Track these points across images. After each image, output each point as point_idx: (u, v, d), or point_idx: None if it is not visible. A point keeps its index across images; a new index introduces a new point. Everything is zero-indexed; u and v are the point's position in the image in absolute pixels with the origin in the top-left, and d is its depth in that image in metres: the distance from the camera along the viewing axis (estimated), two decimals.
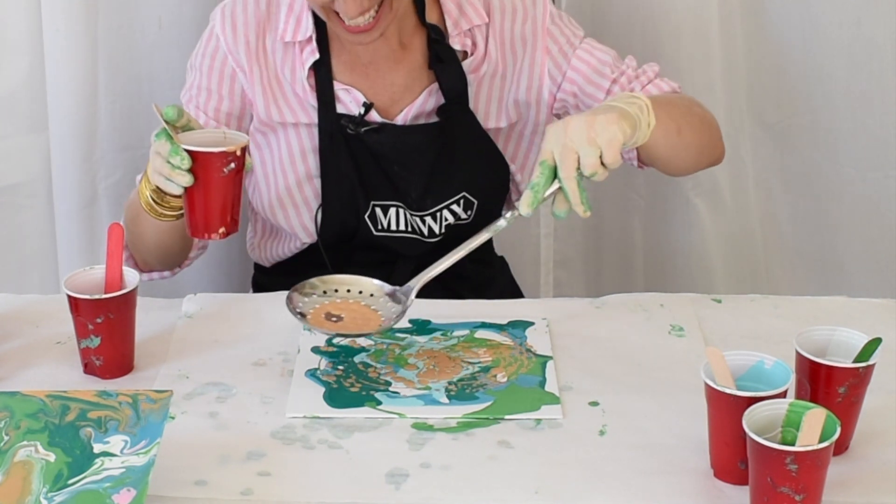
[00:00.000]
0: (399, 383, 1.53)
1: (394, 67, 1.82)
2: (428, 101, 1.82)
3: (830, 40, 2.28)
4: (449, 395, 1.51)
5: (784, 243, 2.45)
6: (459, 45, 1.82)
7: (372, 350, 1.60)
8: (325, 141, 1.80)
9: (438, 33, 1.82)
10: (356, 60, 1.81)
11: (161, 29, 2.16)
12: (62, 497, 1.25)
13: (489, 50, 1.84)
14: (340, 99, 1.80)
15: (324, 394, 1.51)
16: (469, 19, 1.83)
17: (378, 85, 1.82)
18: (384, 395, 1.51)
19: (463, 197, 1.84)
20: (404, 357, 1.59)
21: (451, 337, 1.63)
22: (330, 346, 1.61)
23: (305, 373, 1.56)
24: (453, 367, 1.57)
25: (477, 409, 1.48)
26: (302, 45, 1.80)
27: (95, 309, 1.52)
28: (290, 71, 1.81)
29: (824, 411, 1.25)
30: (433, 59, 1.82)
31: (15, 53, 2.16)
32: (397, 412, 1.48)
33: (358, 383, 1.53)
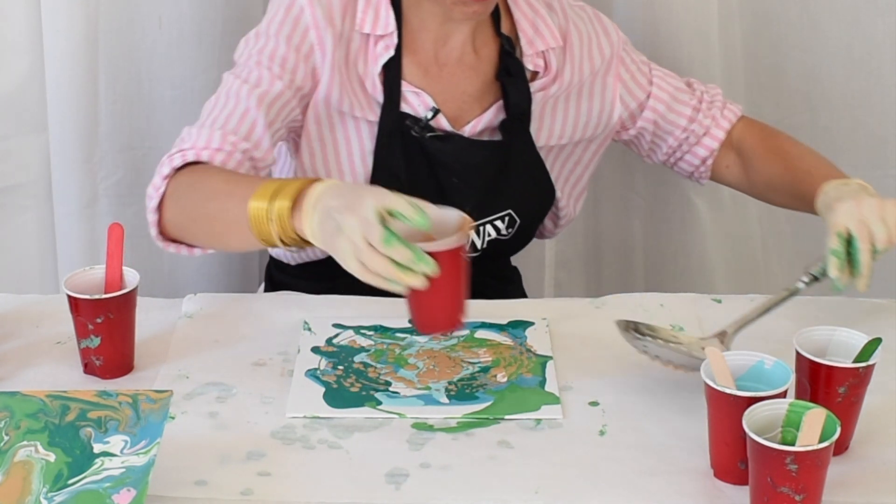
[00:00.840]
0: (399, 383, 1.53)
1: (467, 74, 1.81)
2: (497, 115, 1.82)
3: (829, 39, 2.28)
4: (449, 395, 1.51)
5: (784, 243, 2.45)
6: (532, 66, 1.82)
7: (372, 350, 1.60)
8: (383, 139, 1.76)
9: (511, 45, 1.82)
10: (431, 61, 1.79)
11: (161, 29, 2.16)
12: (62, 497, 1.25)
13: (563, 72, 1.84)
14: (408, 100, 1.77)
15: (324, 394, 1.51)
16: (545, 41, 1.82)
17: (448, 91, 1.80)
18: (384, 395, 1.51)
19: (508, 214, 1.84)
20: (404, 357, 1.59)
21: (451, 337, 1.63)
22: (330, 345, 1.61)
23: (305, 373, 1.56)
24: (453, 366, 1.57)
25: (477, 409, 1.48)
26: (376, 39, 1.75)
27: (95, 309, 1.52)
28: (363, 63, 1.76)
29: (824, 411, 1.25)
30: (502, 71, 1.81)
31: (15, 53, 2.16)
32: (397, 412, 1.48)
33: (358, 383, 1.53)
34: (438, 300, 1.38)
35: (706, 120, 1.92)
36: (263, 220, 1.43)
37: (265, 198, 1.43)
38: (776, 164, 1.86)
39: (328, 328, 1.66)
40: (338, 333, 1.65)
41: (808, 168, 1.79)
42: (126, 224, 1.61)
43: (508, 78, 1.81)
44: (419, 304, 1.39)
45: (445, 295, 1.38)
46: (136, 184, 2.24)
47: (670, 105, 1.92)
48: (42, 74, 2.16)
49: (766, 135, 1.92)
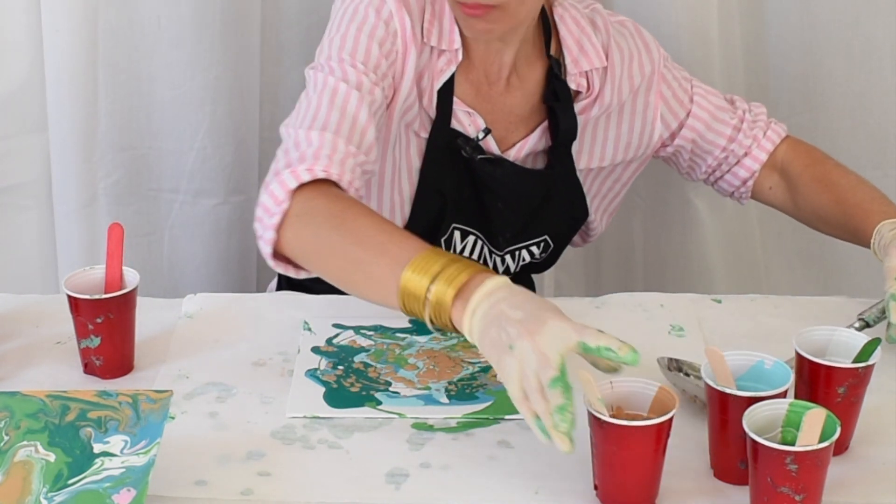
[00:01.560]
0: (399, 383, 1.53)
1: (514, 95, 1.78)
2: (541, 139, 1.80)
3: (829, 40, 2.28)
4: (449, 395, 1.51)
5: (784, 243, 2.45)
6: (575, 85, 1.79)
7: (372, 350, 1.60)
8: (432, 155, 1.74)
9: (559, 68, 1.78)
10: (482, 80, 1.76)
11: (161, 29, 2.16)
12: (62, 497, 1.25)
13: (604, 93, 1.81)
14: (459, 119, 1.75)
15: (324, 394, 1.51)
16: (590, 60, 1.79)
17: (497, 111, 1.77)
18: (384, 395, 1.51)
19: (544, 240, 1.85)
20: (404, 357, 1.59)
21: (451, 337, 1.63)
22: (330, 345, 1.61)
23: (305, 373, 1.56)
24: (453, 367, 1.57)
25: (477, 409, 1.48)
26: (439, 53, 1.71)
27: (95, 309, 1.52)
28: (428, 76, 1.72)
29: (824, 411, 1.25)
30: (549, 94, 1.78)
31: (15, 53, 2.16)
32: (397, 412, 1.48)
33: (358, 383, 1.53)
34: (627, 478, 1.29)
35: (747, 140, 1.89)
36: (419, 298, 1.33)
37: (425, 274, 1.32)
38: (824, 194, 1.81)
39: (328, 328, 1.66)
40: (338, 333, 1.65)
41: (859, 202, 1.75)
42: (126, 224, 1.61)
43: (557, 103, 1.78)
44: (607, 476, 1.30)
45: (638, 474, 1.29)
46: (136, 183, 2.24)
47: (710, 124, 1.89)
48: (42, 74, 2.16)
49: (813, 160, 1.87)
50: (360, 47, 1.62)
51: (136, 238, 2.21)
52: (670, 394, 1.31)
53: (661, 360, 1.52)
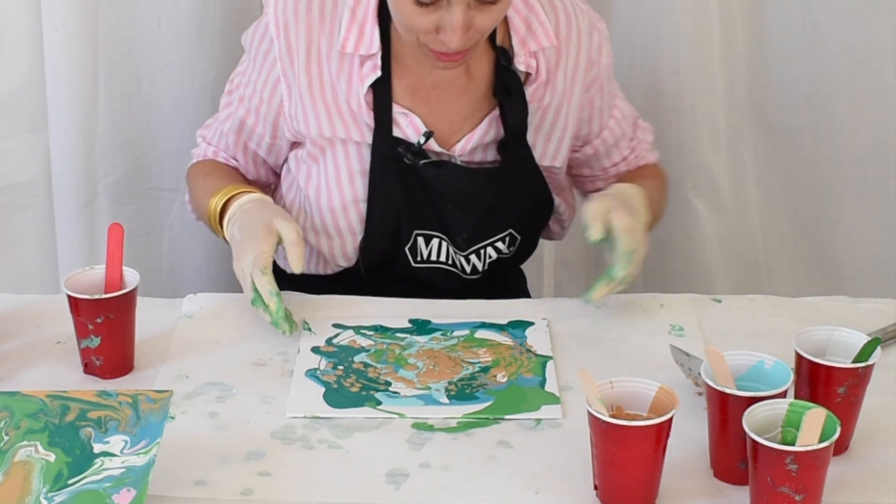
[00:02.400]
0: (399, 383, 1.53)
1: (457, 95, 1.75)
2: (488, 131, 1.77)
3: (831, 41, 2.28)
4: (449, 395, 1.50)
5: (784, 243, 2.45)
6: (524, 66, 1.74)
7: (372, 350, 1.60)
8: (377, 164, 1.74)
9: (507, 58, 1.74)
10: (419, 84, 1.74)
11: (161, 29, 2.16)
12: (62, 497, 1.25)
13: (556, 78, 1.78)
14: (398, 123, 1.73)
15: (324, 394, 1.51)
16: (537, 40, 1.74)
17: (438, 112, 1.75)
18: (384, 395, 1.51)
19: (509, 234, 1.81)
20: (404, 357, 1.59)
21: (451, 337, 1.63)
22: (330, 345, 1.61)
23: (305, 373, 1.56)
24: (453, 367, 1.57)
25: (477, 409, 1.48)
26: (362, 60, 1.71)
27: (95, 309, 1.52)
28: (345, 83, 1.72)
29: (824, 411, 1.25)
30: (498, 87, 1.75)
31: (15, 53, 2.16)
32: (397, 412, 1.48)
33: (358, 383, 1.53)
34: (627, 478, 1.29)
35: (625, 168, 1.92)
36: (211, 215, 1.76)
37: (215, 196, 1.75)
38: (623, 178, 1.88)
39: (328, 328, 1.65)
40: (338, 333, 1.65)
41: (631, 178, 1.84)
42: (125, 223, 1.61)
43: (506, 97, 1.75)
44: (607, 476, 1.30)
45: (638, 474, 1.29)
46: (136, 183, 2.24)
47: (609, 149, 1.90)
48: (42, 74, 2.16)
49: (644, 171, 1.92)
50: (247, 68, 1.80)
51: (136, 238, 2.20)
52: (670, 394, 1.31)
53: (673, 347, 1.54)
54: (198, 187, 1.84)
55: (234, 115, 1.83)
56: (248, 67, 1.80)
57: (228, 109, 1.84)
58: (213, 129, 1.89)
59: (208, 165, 1.88)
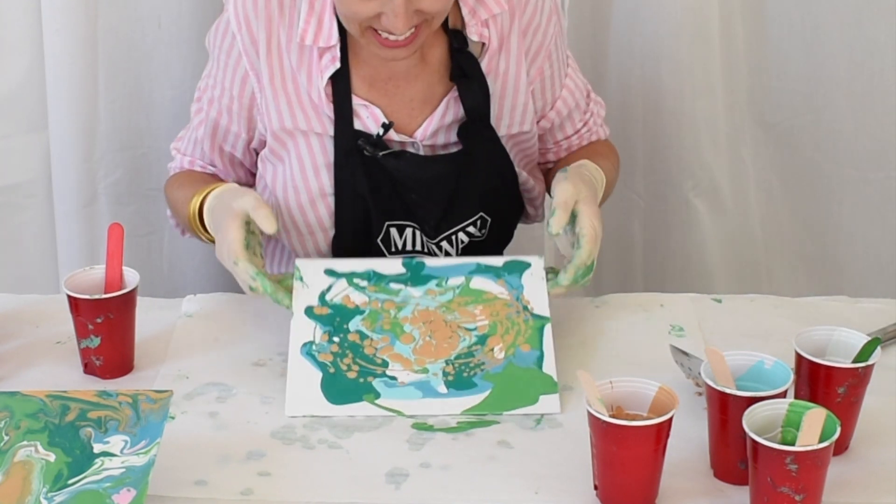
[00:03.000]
0: (396, 364, 1.52)
1: (412, 81, 1.75)
2: (447, 113, 1.76)
3: (831, 41, 2.28)
4: (447, 383, 1.50)
5: (784, 243, 2.45)
6: (477, 37, 1.72)
7: (367, 312, 1.58)
8: (341, 157, 1.73)
9: (461, 41, 1.73)
10: (375, 76, 1.74)
11: (161, 29, 2.16)
12: (62, 497, 1.25)
13: (510, 42, 1.76)
14: (358, 114, 1.73)
15: (321, 381, 1.50)
16: (487, 7, 1.72)
17: (396, 101, 1.75)
18: (382, 384, 1.50)
19: (480, 217, 1.79)
20: (400, 323, 1.57)
21: (447, 289, 1.61)
22: (323, 305, 1.59)
23: (301, 349, 1.54)
24: (450, 337, 1.55)
25: (476, 403, 1.48)
26: (321, 52, 1.70)
27: (95, 309, 1.52)
28: (305, 76, 1.72)
29: (824, 411, 1.25)
30: (455, 71, 1.74)
31: (15, 53, 2.16)
32: (396, 409, 1.47)
33: (356, 365, 1.52)
34: (627, 478, 1.29)
35: (578, 141, 1.89)
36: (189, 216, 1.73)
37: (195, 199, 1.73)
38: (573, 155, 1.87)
39: (320, 276, 1.61)
40: (330, 286, 1.61)
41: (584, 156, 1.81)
42: (125, 224, 1.61)
43: (463, 80, 1.74)
44: (607, 476, 1.31)
45: (638, 474, 1.29)
46: (136, 183, 2.24)
47: (563, 121, 1.87)
48: (42, 74, 2.16)
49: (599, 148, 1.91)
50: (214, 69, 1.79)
51: (136, 238, 2.21)
52: (670, 394, 1.31)
53: (673, 347, 1.54)
54: (175, 199, 1.83)
55: (206, 119, 1.82)
56: (214, 69, 1.79)
57: (199, 116, 1.84)
58: (185, 139, 1.87)
59: (183, 176, 1.87)
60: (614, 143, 1.98)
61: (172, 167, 1.89)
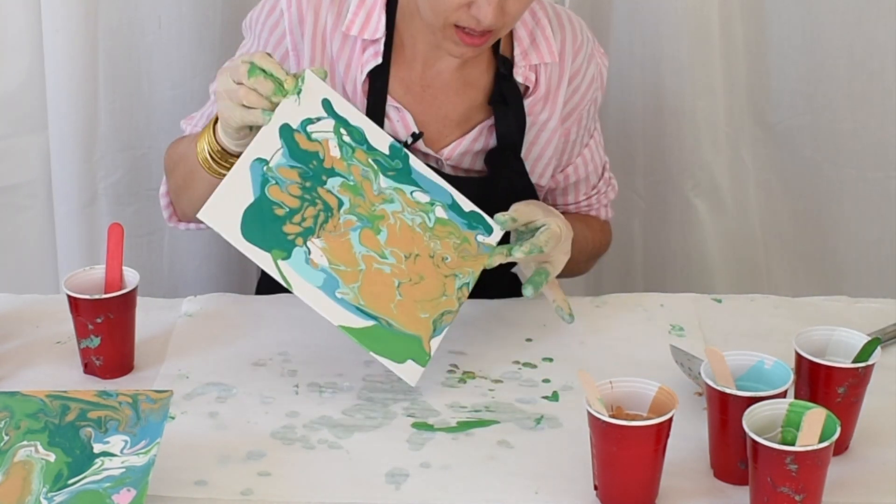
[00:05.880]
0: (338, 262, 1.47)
1: (451, 96, 1.73)
2: (478, 139, 1.74)
3: (831, 41, 2.28)
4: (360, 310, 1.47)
5: (784, 243, 2.45)
6: (522, 79, 1.71)
7: (349, 180, 1.51)
8: None
9: (508, 67, 1.71)
10: (414, 80, 1.72)
11: (161, 28, 2.16)
12: (62, 497, 1.25)
13: (557, 98, 1.74)
14: (389, 117, 1.70)
15: (248, 207, 1.44)
16: (540, 54, 1.71)
17: (430, 112, 1.72)
18: (299, 252, 1.45)
19: None
20: (376, 217, 1.51)
21: (426, 208, 1.55)
22: (302, 134, 1.49)
23: (253, 161, 1.46)
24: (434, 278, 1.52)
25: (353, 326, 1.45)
26: (365, 45, 1.68)
27: (95, 309, 1.52)
28: (344, 66, 1.69)
29: (824, 411, 1.25)
30: (496, 96, 1.72)
31: (15, 53, 2.16)
32: (288, 280, 1.43)
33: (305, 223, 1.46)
34: (627, 478, 1.29)
35: (572, 209, 1.87)
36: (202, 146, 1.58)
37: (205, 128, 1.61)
38: None
39: (315, 103, 1.51)
40: (319, 118, 1.51)
41: None
42: (126, 224, 1.61)
43: (502, 106, 1.72)
44: (607, 476, 1.30)
45: (638, 474, 1.29)
46: (136, 183, 2.24)
47: (568, 187, 1.85)
48: (42, 74, 2.16)
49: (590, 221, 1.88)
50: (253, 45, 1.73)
51: (136, 238, 2.21)
52: (670, 394, 1.31)
53: (673, 347, 1.54)
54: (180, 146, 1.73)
55: None
56: (252, 45, 1.74)
57: None
58: (199, 115, 1.81)
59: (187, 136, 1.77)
60: (614, 142, 1.98)
61: None
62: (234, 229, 1.44)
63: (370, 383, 1.55)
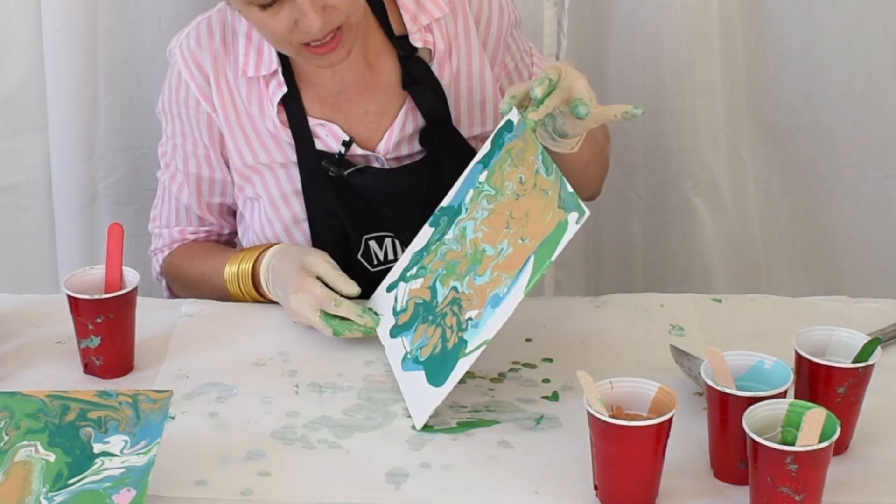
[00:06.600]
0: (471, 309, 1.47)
1: (364, 93, 1.74)
2: (406, 123, 1.74)
3: (830, 40, 2.28)
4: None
5: (784, 243, 2.45)
6: (421, 43, 1.71)
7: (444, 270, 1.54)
8: (308, 182, 1.73)
9: (408, 48, 1.72)
10: (325, 93, 1.73)
11: (161, 29, 2.16)
12: (62, 497, 1.25)
13: (458, 45, 1.74)
14: (318, 135, 1.72)
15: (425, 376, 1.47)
16: (427, 12, 1.72)
17: (352, 116, 1.74)
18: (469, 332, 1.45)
19: None
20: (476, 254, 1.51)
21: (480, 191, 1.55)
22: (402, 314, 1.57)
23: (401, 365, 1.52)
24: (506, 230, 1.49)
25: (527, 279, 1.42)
26: (267, 80, 1.71)
27: (95, 309, 1.52)
28: (257, 107, 1.72)
29: (824, 411, 1.25)
30: (406, 80, 1.73)
31: (15, 53, 2.17)
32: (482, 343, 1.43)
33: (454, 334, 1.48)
34: (627, 478, 1.29)
35: None
36: (233, 280, 1.72)
37: (234, 264, 1.72)
38: None
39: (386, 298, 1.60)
40: (395, 296, 1.59)
41: None
42: (126, 224, 1.61)
43: (415, 87, 1.72)
44: (607, 476, 1.30)
45: (638, 474, 1.29)
46: (136, 183, 2.25)
47: None
48: (42, 74, 2.16)
49: None
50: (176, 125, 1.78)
51: (136, 238, 2.20)
52: (670, 394, 1.31)
53: (673, 347, 1.54)
54: (194, 270, 1.81)
55: (187, 179, 1.81)
56: (178, 127, 1.78)
57: (176, 181, 1.82)
58: (163, 213, 1.86)
59: (188, 250, 1.84)
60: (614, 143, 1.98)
61: (160, 246, 1.88)
62: (434, 394, 1.45)
63: (370, 383, 1.55)
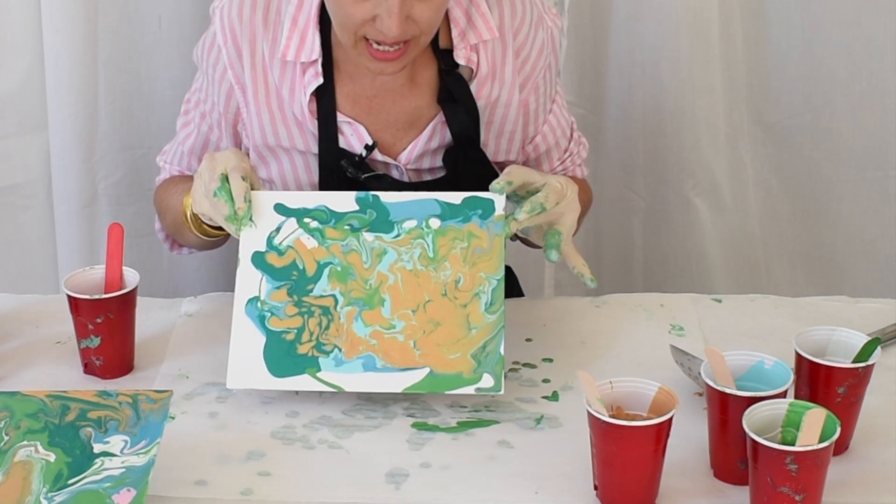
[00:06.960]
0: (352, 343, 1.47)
1: (398, 101, 1.71)
2: (433, 137, 1.72)
3: (830, 40, 2.28)
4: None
5: (784, 243, 2.45)
6: (464, 61, 1.68)
7: (336, 264, 1.50)
8: (325, 175, 1.71)
9: (450, 63, 1.69)
10: (360, 93, 1.71)
11: (161, 29, 2.16)
12: (62, 497, 1.25)
13: (504, 73, 1.71)
14: (343, 132, 1.70)
15: (264, 348, 1.47)
16: (478, 33, 1.68)
17: (381, 121, 1.71)
18: (328, 359, 1.46)
19: None
20: (373, 293, 1.50)
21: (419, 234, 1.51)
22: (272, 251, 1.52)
23: (245, 305, 1.50)
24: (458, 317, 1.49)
25: (415, 381, 1.45)
26: (304, 67, 1.67)
27: (95, 309, 1.52)
28: (288, 91, 1.69)
29: (824, 411, 1.25)
30: (443, 94, 1.70)
31: (15, 53, 2.17)
32: (337, 385, 1.45)
33: (314, 340, 1.48)
34: (627, 478, 1.29)
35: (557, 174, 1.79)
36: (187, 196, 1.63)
37: None
38: None
39: (269, 214, 1.53)
40: (279, 226, 1.53)
41: None
42: (126, 224, 1.61)
43: (450, 104, 1.69)
44: (607, 476, 1.30)
45: (638, 474, 1.29)
46: (136, 183, 2.25)
47: (540, 157, 1.82)
48: (42, 74, 2.16)
49: None
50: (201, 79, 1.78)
51: (136, 238, 2.21)
52: (670, 394, 1.31)
53: (673, 347, 1.54)
54: (166, 201, 1.78)
55: (197, 133, 1.80)
56: (203, 83, 1.78)
57: (187, 129, 1.82)
58: (171, 152, 1.85)
59: (174, 179, 1.83)
60: (614, 143, 1.98)
61: (160, 179, 1.87)
62: (265, 378, 1.47)
63: None
